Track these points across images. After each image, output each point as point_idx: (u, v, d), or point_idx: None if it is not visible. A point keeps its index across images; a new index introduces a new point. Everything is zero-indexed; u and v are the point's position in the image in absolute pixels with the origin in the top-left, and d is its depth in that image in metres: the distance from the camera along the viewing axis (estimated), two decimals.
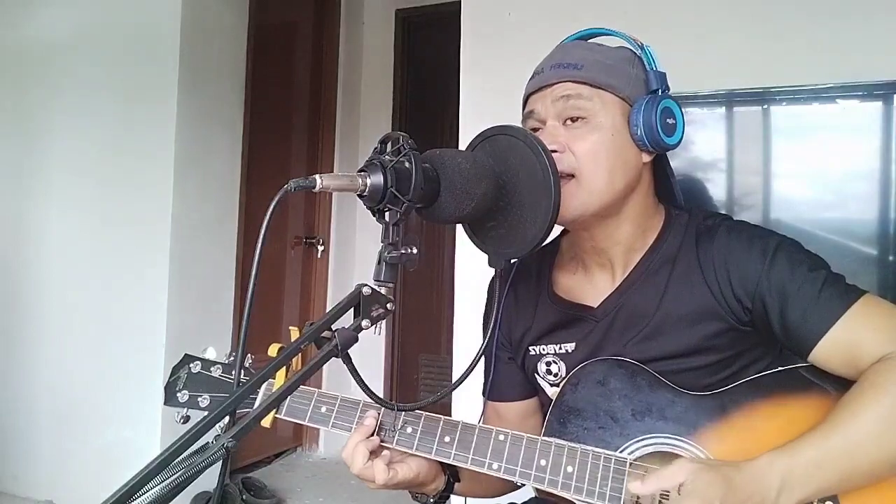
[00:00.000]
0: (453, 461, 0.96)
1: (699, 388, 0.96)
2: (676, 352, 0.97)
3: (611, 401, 0.96)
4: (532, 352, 1.09)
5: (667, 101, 0.97)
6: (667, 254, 1.01)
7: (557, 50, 1.03)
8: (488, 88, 2.16)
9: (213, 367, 1.10)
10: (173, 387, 1.09)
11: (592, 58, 0.98)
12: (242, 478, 2.97)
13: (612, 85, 0.97)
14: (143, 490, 0.58)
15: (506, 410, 1.14)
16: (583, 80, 0.96)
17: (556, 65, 0.99)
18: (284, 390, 0.72)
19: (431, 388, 3.62)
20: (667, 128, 0.95)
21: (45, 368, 2.84)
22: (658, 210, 1.05)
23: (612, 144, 0.96)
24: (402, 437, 0.98)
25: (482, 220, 0.89)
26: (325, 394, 1.03)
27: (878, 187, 1.61)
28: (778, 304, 0.92)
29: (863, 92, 1.65)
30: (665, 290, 0.99)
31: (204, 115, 2.77)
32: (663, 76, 0.98)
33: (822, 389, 0.92)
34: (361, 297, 0.77)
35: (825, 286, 0.91)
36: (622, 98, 0.97)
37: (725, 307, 0.96)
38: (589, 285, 1.06)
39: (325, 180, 0.71)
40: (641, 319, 1.00)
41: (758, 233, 0.99)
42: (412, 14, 3.78)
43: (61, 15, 2.90)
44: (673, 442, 0.93)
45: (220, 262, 2.89)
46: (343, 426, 1.00)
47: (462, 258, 2.18)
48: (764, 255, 0.94)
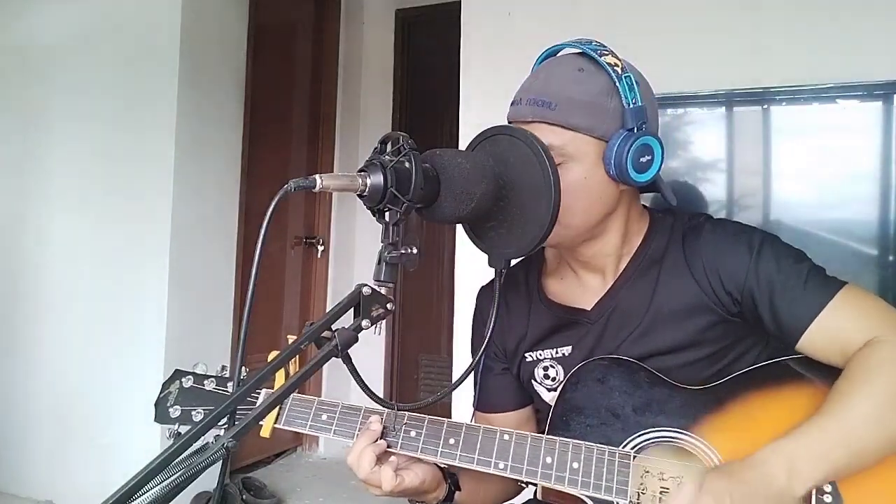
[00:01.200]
0: (459, 462, 0.96)
1: (696, 383, 0.98)
2: (671, 347, 1.00)
3: (611, 398, 0.98)
4: (528, 358, 1.10)
5: (643, 139, 0.95)
6: (655, 253, 1.04)
7: (534, 77, 1.01)
8: (488, 88, 2.16)
9: (207, 380, 1.09)
10: (164, 402, 1.08)
11: (566, 95, 0.95)
12: (242, 478, 2.97)
13: (584, 127, 0.95)
14: (143, 490, 0.58)
15: (500, 422, 1.13)
16: (555, 122, 0.95)
17: (532, 100, 0.97)
18: (285, 390, 0.72)
19: (431, 388, 3.62)
20: (639, 166, 0.95)
21: (45, 368, 2.84)
22: (643, 215, 1.08)
23: (586, 185, 0.96)
24: (407, 441, 0.98)
25: (482, 220, 0.89)
26: (325, 401, 1.03)
27: (878, 187, 1.61)
28: (767, 296, 0.95)
29: (863, 92, 1.65)
30: (655, 288, 1.02)
31: (204, 115, 2.77)
32: (641, 110, 0.95)
33: (810, 381, 0.96)
34: (361, 297, 0.77)
35: (809, 277, 0.95)
36: (597, 138, 0.96)
37: (714, 300, 0.98)
38: (581, 288, 1.08)
39: (325, 180, 0.71)
40: (635, 318, 1.02)
41: (741, 228, 1.02)
42: (412, 14, 3.78)
43: (61, 15, 2.90)
44: (674, 435, 0.95)
45: (220, 262, 2.89)
46: (345, 433, 1.00)
47: (462, 258, 2.18)
48: (750, 249, 0.97)
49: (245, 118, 3.01)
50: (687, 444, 0.94)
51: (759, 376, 0.98)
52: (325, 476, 3.23)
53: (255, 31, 3.05)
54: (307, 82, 3.58)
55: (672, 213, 1.07)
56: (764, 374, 0.98)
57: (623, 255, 1.05)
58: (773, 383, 0.97)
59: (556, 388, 1.05)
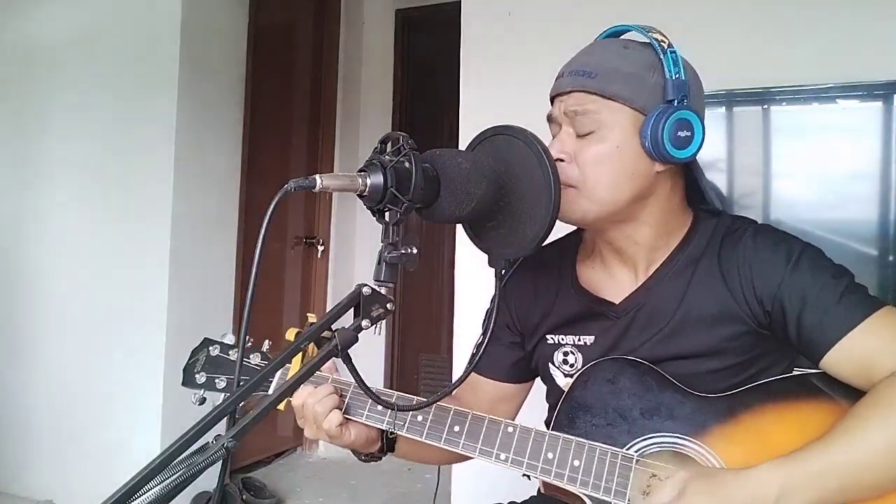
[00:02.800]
0: (462, 450, 0.97)
1: (714, 392, 0.96)
2: (694, 352, 0.97)
3: (620, 399, 0.97)
4: (550, 340, 1.09)
5: (682, 113, 0.92)
6: (691, 255, 1.00)
7: (582, 51, 1.02)
8: (488, 88, 2.16)
9: (232, 350, 1.13)
10: (192, 368, 1.12)
11: (609, 65, 0.95)
12: (242, 478, 2.97)
13: (623, 96, 0.94)
14: (143, 490, 0.58)
15: (482, 387, 1.14)
16: (593, 91, 0.95)
17: (573, 71, 0.98)
18: (286, 390, 0.72)
19: (431, 388, 3.62)
20: (678, 141, 0.92)
21: (45, 368, 2.84)
22: (685, 213, 1.04)
23: (618, 156, 0.94)
24: (413, 425, 1.00)
25: (482, 220, 0.89)
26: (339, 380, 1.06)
27: (878, 187, 1.61)
28: (797, 309, 0.91)
29: (863, 92, 1.65)
30: (686, 291, 0.99)
31: (204, 115, 2.77)
32: (683, 84, 0.94)
33: (831, 398, 0.92)
34: (361, 297, 0.77)
35: (845, 294, 0.91)
36: (635, 109, 0.94)
37: (746, 310, 0.95)
38: (611, 280, 1.06)
39: (325, 180, 0.71)
40: (662, 319, 1.00)
41: (783, 237, 0.98)
42: (412, 14, 3.78)
43: (61, 15, 2.90)
44: (680, 441, 0.94)
45: (220, 262, 2.89)
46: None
47: (462, 258, 2.18)
48: (788, 260, 0.94)
49: (245, 118, 3.01)
50: (692, 451, 0.93)
51: (777, 389, 0.95)
52: (325, 476, 3.23)
53: (255, 30, 3.05)
54: (307, 82, 3.58)
55: (717, 214, 1.03)
56: (782, 387, 0.95)
57: (658, 249, 1.01)
58: (791, 397, 0.94)
59: (573, 375, 1.04)
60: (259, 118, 3.12)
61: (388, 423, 1.01)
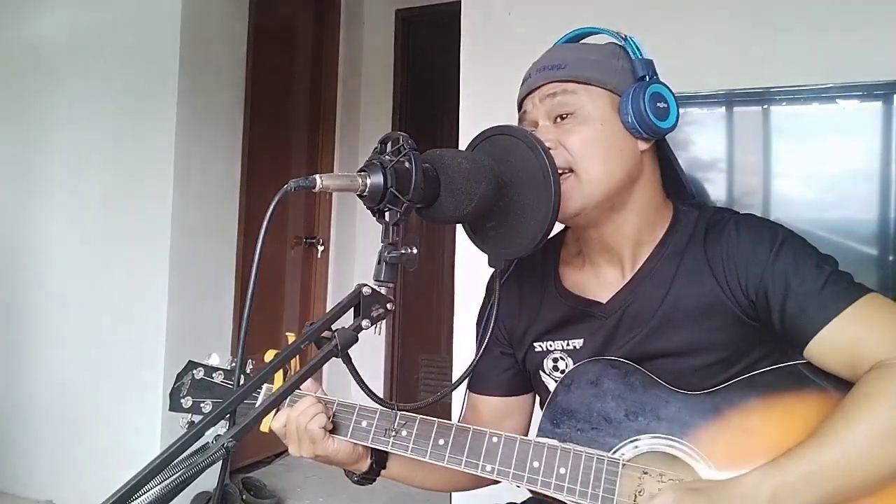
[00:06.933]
0: (447, 463, 0.96)
1: (706, 388, 0.94)
2: (682, 348, 0.96)
3: (604, 401, 0.95)
4: (538, 348, 1.07)
5: (655, 87, 0.96)
6: (676, 247, 1.00)
7: (544, 55, 1.04)
8: (488, 88, 2.16)
9: (216, 373, 1.11)
10: (178, 393, 1.10)
11: (575, 56, 0.99)
12: (242, 478, 2.97)
13: (596, 79, 0.97)
14: (143, 490, 0.58)
15: (483, 405, 1.12)
16: (567, 79, 0.97)
17: (542, 68, 1.00)
18: (285, 390, 0.72)
19: (431, 388, 3.62)
20: (658, 112, 0.95)
21: (46, 368, 2.84)
22: (666, 205, 1.04)
23: (603, 134, 0.95)
24: (398, 440, 0.98)
25: (482, 220, 0.89)
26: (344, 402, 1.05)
27: (877, 187, 1.61)
28: (780, 297, 0.90)
29: (863, 92, 1.65)
30: (672, 283, 0.98)
31: (204, 116, 2.77)
32: (649, 63, 0.98)
33: (820, 387, 0.90)
34: (361, 297, 0.77)
35: (829, 281, 0.89)
36: (609, 90, 0.97)
37: (733, 301, 0.94)
38: (597, 280, 1.05)
39: (325, 180, 0.71)
40: (649, 314, 0.98)
41: (767, 225, 0.98)
42: (412, 14, 3.78)
43: (61, 15, 2.90)
44: (666, 442, 0.92)
45: (220, 262, 2.89)
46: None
47: (462, 258, 2.18)
48: (770, 248, 0.93)
49: (245, 118, 3.01)
50: (680, 451, 0.91)
51: (763, 382, 0.92)
52: (325, 476, 3.22)
53: (255, 30, 3.05)
54: (307, 82, 3.58)
55: (698, 206, 1.03)
56: (768, 380, 0.92)
57: (643, 244, 1.01)
58: (778, 389, 0.91)
59: None
60: (259, 118, 3.12)
61: (374, 440, 1.00)
